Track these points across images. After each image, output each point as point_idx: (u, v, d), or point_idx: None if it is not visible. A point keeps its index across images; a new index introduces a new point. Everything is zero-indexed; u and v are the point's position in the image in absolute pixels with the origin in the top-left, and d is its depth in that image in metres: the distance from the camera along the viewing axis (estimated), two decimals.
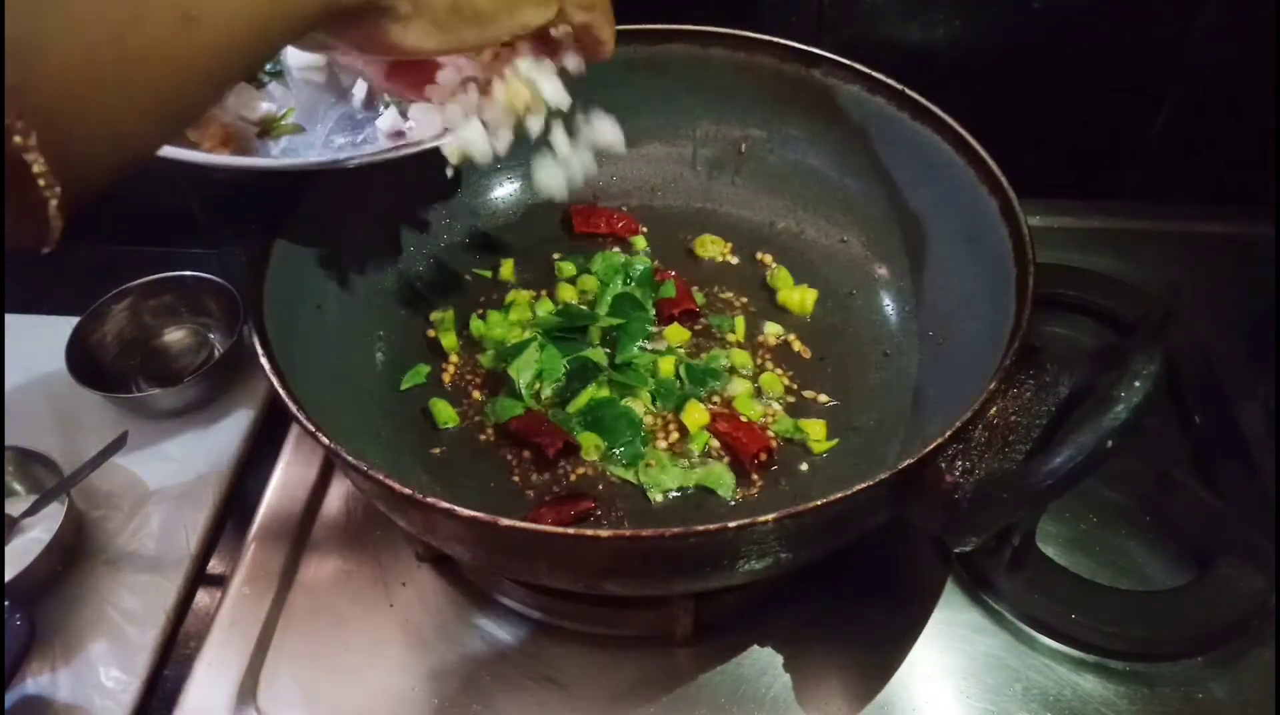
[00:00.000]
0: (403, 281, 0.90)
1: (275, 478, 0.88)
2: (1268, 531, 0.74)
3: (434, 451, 0.81)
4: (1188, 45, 0.96)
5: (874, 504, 0.62)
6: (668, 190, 0.98)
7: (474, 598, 0.78)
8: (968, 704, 0.71)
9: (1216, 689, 0.71)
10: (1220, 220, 1.03)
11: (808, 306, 0.89)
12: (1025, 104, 1.02)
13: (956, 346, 0.79)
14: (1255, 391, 0.87)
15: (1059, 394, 0.64)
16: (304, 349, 0.75)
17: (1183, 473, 0.80)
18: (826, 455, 0.79)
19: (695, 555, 0.61)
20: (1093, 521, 0.80)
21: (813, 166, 0.93)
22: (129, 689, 0.77)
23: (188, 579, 0.85)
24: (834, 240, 0.92)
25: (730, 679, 0.73)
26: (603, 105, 0.74)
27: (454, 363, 0.87)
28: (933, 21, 0.97)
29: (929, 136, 0.81)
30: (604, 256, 0.92)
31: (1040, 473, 0.58)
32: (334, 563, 0.81)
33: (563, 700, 0.72)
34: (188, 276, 1.02)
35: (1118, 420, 0.56)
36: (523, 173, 0.97)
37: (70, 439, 0.93)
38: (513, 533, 0.57)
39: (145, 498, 0.90)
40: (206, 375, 0.96)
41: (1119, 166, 1.07)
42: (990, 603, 0.76)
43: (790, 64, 0.88)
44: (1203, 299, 0.92)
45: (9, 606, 0.76)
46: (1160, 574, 0.77)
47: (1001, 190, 0.74)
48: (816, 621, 0.75)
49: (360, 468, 0.60)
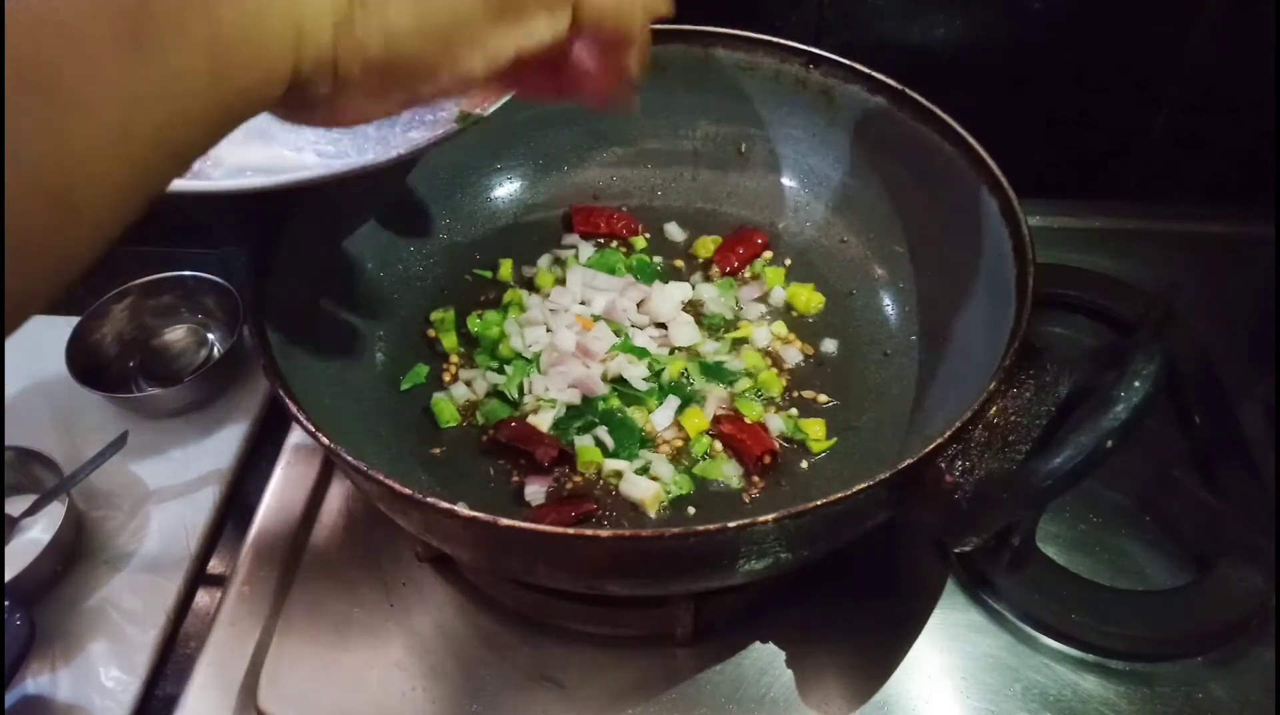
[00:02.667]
0: (402, 281, 0.90)
1: (275, 478, 0.88)
2: (1268, 531, 0.74)
3: (434, 451, 0.81)
4: (1187, 45, 0.96)
5: (874, 504, 0.62)
6: (668, 190, 0.98)
7: (474, 598, 0.78)
8: (967, 704, 0.71)
9: (1216, 689, 0.71)
10: (1220, 220, 1.03)
11: (813, 306, 0.89)
12: (1025, 104, 1.02)
13: (956, 346, 0.79)
14: (1255, 391, 0.87)
15: (1059, 394, 0.64)
16: (304, 349, 0.75)
17: (1183, 473, 0.80)
18: (827, 455, 0.79)
19: (695, 555, 0.61)
20: (1093, 521, 0.80)
21: (813, 166, 0.93)
22: (129, 689, 0.77)
23: (188, 579, 0.85)
24: (834, 240, 0.92)
25: (730, 679, 0.73)
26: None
27: (454, 363, 0.87)
28: (933, 21, 0.97)
29: (929, 136, 0.81)
30: (604, 255, 0.93)
31: (1040, 473, 0.58)
32: (334, 563, 0.81)
33: (563, 700, 0.72)
34: (188, 276, 1.02)
35: (1118, 420, 0.56)
36: (522, 172, 0.97)
37: (70, 439, 0.93)
38: (513, 533, 0.57)
39: (145, 498, 0.90)
40: (206, 375, 0.96)
41: (1119, 166, 1.07)
42: (990, 603, 0.76)
43: (790, 64, 0.88)
44: (1203, 299, 0.92)
45: (9, 606, 0.76)
46: (1160, 574, 0.77)
47: (1001, 190, 0.74)
48: (817, 621, 0.75)
49: (360, 468, 0.60)
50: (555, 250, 0.95)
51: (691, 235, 0.96)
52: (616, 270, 0.91)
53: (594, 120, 0.95)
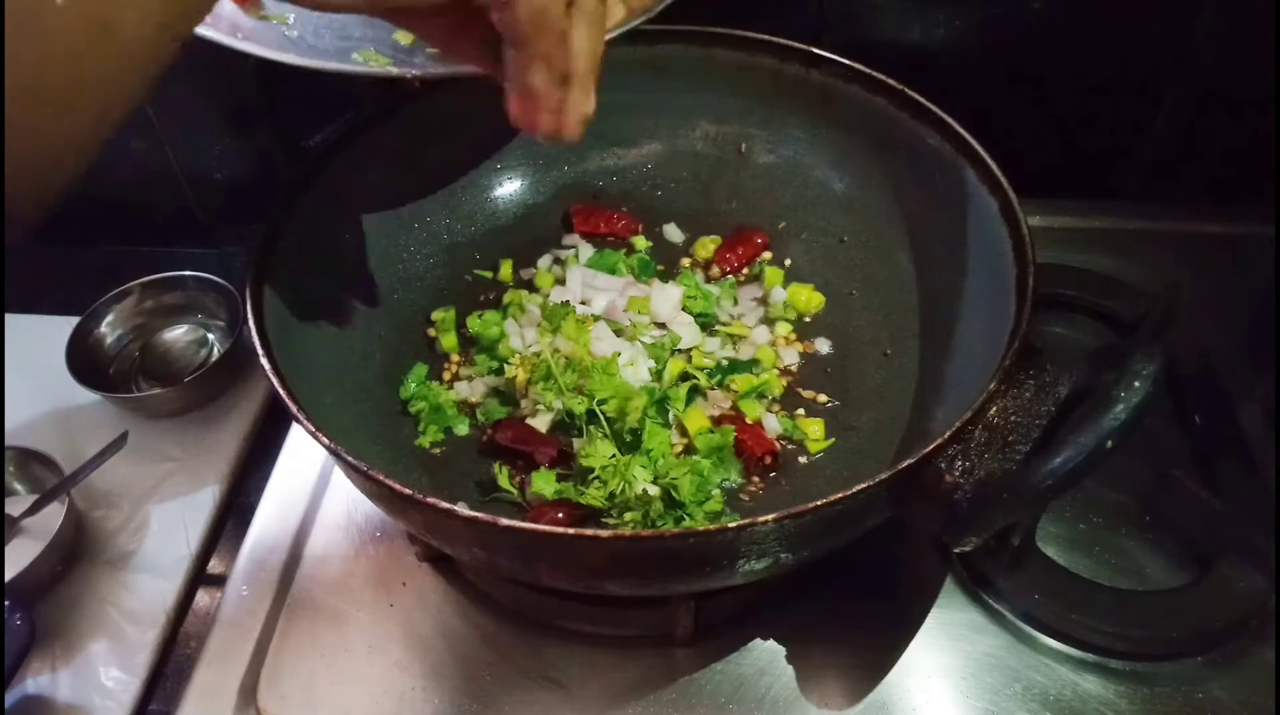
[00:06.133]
0: (403, 281, 0.90)
1: (275, 477, 0.88)
2: (1268, 531, 0.74)
3: (434, 451, 0.81)
4: (1188, 45, 0.96)
5: (874, 504, 0.62)
6: (668, 190, 0.98)
7: (474, 598, 0.78)
8: (967, 703, 0.71)
9: (1216, 689, 0.71)
10: (1220, 220, 1.03)
11: (813, 306, 0.89)
12: (1025, 104, 1.02)
13: (956, 347, 0.79)
14: (1255, 391, 0.87)
15: (1059, 394, 0.64)
16: (304, 349, 0.75)
17: (1183, 473, 0.80)
18: (827, 455, 0.79)
19: (695, 556, 0.61)
20: (1093, 521, 0.80)
21: (813, 166, 0.93)
22: (129, 689, 0.77)
23: (188, 579, 0.85)
24: (834, 240, 0.92)
25: (730, 679, 0.73)
26: (603, 105, 0.74)
27: (454, 363, 0.87)
28: (933, 21, 0.97)
29: (929, 136, 0.81)
30: (604, 255, 0.93)
31: (1040, 473, 0.58)
32: (334, 563, 0.81)
33: (563, 700, 0.72)
34: (188, 276, 1.03)
35: (1118, 420, 0.56)
36: (522, 172, 0.97)
37: (70, 439, 0.93)
38: (513, 533, 0.57)
39: (145, 498, 0.90)
40: (206, 375, 0.96)
41: (1119, 166, 1.07)
42: (990, 602, 0.76)
43: (790, 64, 0.88)
44: (1203, 299, 0.92)
45: (9, 606, 0.76)
46: (1160, 574, 0.77)
47: (1001, 190, 0.74)
48: (817, 621, 0.75)
49: (360, 468, 0.60)
50: (555, 250, 0.95)
51: (691, 235, 0.96)
52: (616, 270, 0.91)
53: (594, 120, 0.95)
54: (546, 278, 0.92)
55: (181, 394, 0.95)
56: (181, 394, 0.95)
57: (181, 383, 0.94)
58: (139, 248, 1.13)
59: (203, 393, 0.96)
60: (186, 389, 0.95)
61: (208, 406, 0.97)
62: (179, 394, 0.95)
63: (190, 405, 0.96)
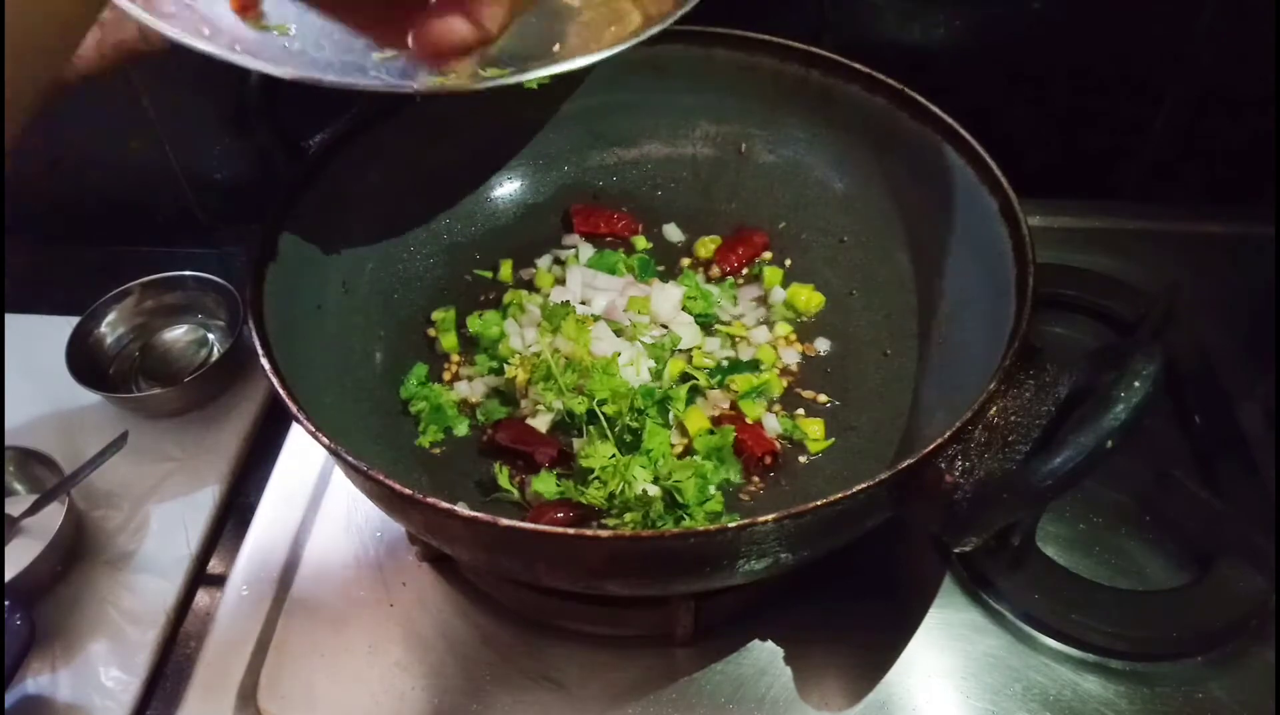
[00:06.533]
0: (403, 281, 0.90)
1: (275, 478, 0.88)
2: (1268, 531, 0.74)
3: (434, 451, 0.81)
4: (1188, 45, 0.96)
5: (874, 504, 0.62)
6: (668, 190, 0.98)
7: (474, 598, 0.78)
8: (967, 703, 0.71)
9: (1216, 689, 0.71)
10: (1220, 220, 1.03)
11: (813, 306, 0.89)
12: (1025, 104, 1.02)
13: (956, 346, 0.79)
14: (1255, 391, 0.87)
15: (1059, 394, 0.64)
16: (304, 349, 0.75)
17: (1183, 473, 0.80)
18: (826, 455, 0.79)
19: (695, 556, 0.61)
20: (1093, 521, 0.80)
21: (813, 166, 0.93)
22: (129, 689, 0.77)
23: (188, 579, 0.85)
24: (834, 240, 0.92)
25: (730, 679, 0.73)
26: (603, 105, 0.74)
27: (454, 363, 0.87)
28: (933, 21, 0.96)
29: (929, 136, 0.81)
30: (604, 255, 0.93)
31: (1040, 473, 0.58)
32: (334, 563, 0.81)
33: (563, 700, 0.72)
34: (188, 276, 1.03)
35: (1118, 420, 0.56)
36: (522, 172, 0.97)
37: (70, 439, 0.93)
38: (513, 533, 0.57)
39: (145, 498, 0.90)
40: (206, 375, 0.96)
41: (1119, 166, 1.07)
42: (990, 602, 0.76)
43: (790, 64, 0.88)
44: (1203, 299, 0.92)
45: (9, 606, 0.76)
46: (1160, 574, 0.77)
47: (1001, 190, 0.74)
48: (816, 621, 0.75)
49: (360, 468, 0.60)
50: (555, 250, 0.95)
51: (691, 235, 0.96)
52: (616, 270, 0.91)
53: (594, 120, 0.95)
54: (546, 278, 0.92)
55: (181, 394, 0.95)
56: (181, 394, 0.95)
57: (181, 383, 0.94)
58: (139, 248, 1.13)
59: (203, 393, 0.96)
60: (186, 389, 0.95)
61: (208, 406, 0.97)
62: (179, 394, 0.95)
63: (190, 405, 0.96)
